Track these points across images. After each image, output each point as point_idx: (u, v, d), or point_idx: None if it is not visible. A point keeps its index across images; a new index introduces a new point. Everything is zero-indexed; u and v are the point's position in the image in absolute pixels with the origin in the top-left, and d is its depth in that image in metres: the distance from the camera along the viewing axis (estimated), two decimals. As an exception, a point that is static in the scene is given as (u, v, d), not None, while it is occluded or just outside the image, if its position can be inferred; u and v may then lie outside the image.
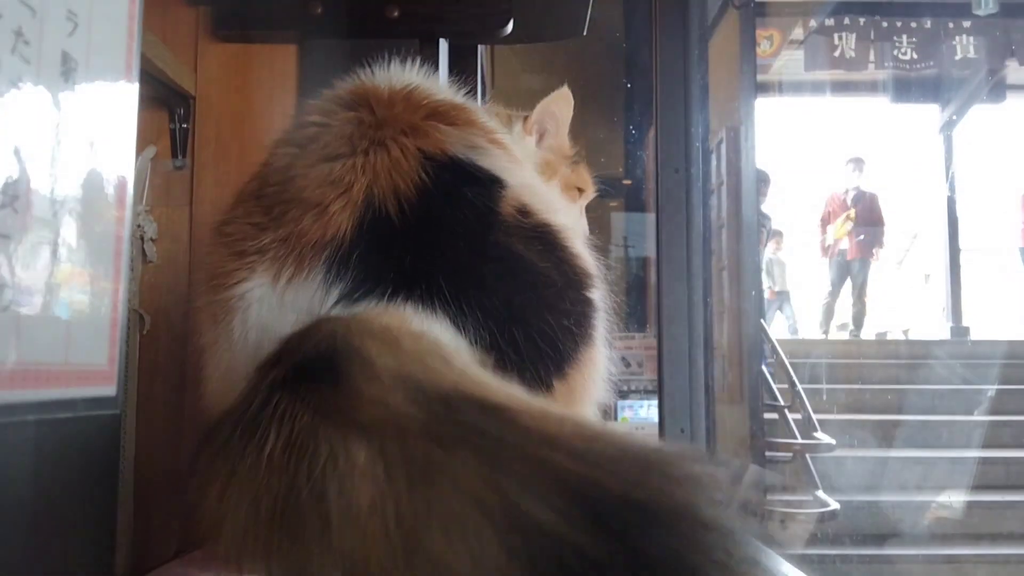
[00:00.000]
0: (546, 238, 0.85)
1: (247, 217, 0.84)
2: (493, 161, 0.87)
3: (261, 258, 0.79)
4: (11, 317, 0.57)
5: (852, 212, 7.15)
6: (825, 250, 7.48)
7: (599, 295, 0.91)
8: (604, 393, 0.92)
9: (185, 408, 1.46)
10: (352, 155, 0.82)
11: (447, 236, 0.79)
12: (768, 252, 7.18)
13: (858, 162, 7.33)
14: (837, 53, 5.91)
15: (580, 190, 1.31)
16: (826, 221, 7.44)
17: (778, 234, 7.29)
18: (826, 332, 7.34)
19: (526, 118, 1.28)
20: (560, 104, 1.28)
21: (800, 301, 7.70)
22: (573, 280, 0.86)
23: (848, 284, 7.30)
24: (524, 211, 0.84)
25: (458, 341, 0.75)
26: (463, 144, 0.86)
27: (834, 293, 7.42)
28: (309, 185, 0.80)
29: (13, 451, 0.59)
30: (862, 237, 7.14)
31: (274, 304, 0.77)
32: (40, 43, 0.61)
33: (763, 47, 5.43)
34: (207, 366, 0.85)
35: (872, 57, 6.06)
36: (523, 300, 0.80)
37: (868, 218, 7.16)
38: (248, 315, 0.78)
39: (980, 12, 5.11)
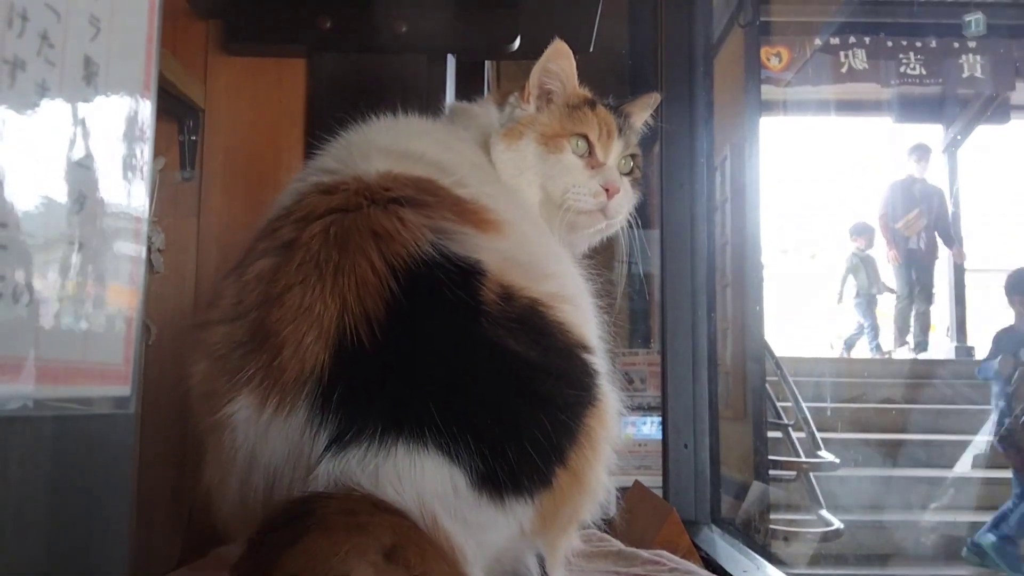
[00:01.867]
0: (534, 321, 0.83)
1: (230, 332, 0.84)
2: (466, 242, 0.85)
3: (248, 384, 0.80)
4: (32, 316, 0.58)
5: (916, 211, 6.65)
6: (891, 250, 6.90)
7: (599, 357, 0.90)
8: (618, 431, 0.91)
9: (189, 420, 1.47)
10: (320, 280, 0.81)
11: (429, 353, 0.78)
12: (853, 250, 6.86)
13: (922, 151, 6.80)
14: (844, 70, 5.90)
15: (581, 135, 1.21)
16: (888, 218, 6.87)
17: (868, 230, 6.88)
18: (903, 345, 6.87)
19: (523, 87, 1.24)
20: (556, 59, 1.23)
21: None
22: (568, 361, 0.84)
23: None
24: (507, 295, 0.82)
25: (452, 472, 0.75)
26: (431, 232, 0.84)
27: (907, 297, 6.87)
28: (285, 316, 0.80)
29: (32, 447, 0.59)
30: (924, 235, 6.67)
31: (260, 431, 0.79)
32: (64, 46, 0.62)
33: (772, 63, 5.42)
34: (206, 476, 0.87)
35: (878, 74, 6.07)
36: (515, 409, 0.79)
37: (936, 216, 6.73)
38: (236, 435, 0.80)
39: (969, 34, 5.13)
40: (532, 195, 1.19)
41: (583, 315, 0.93)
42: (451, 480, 0.76)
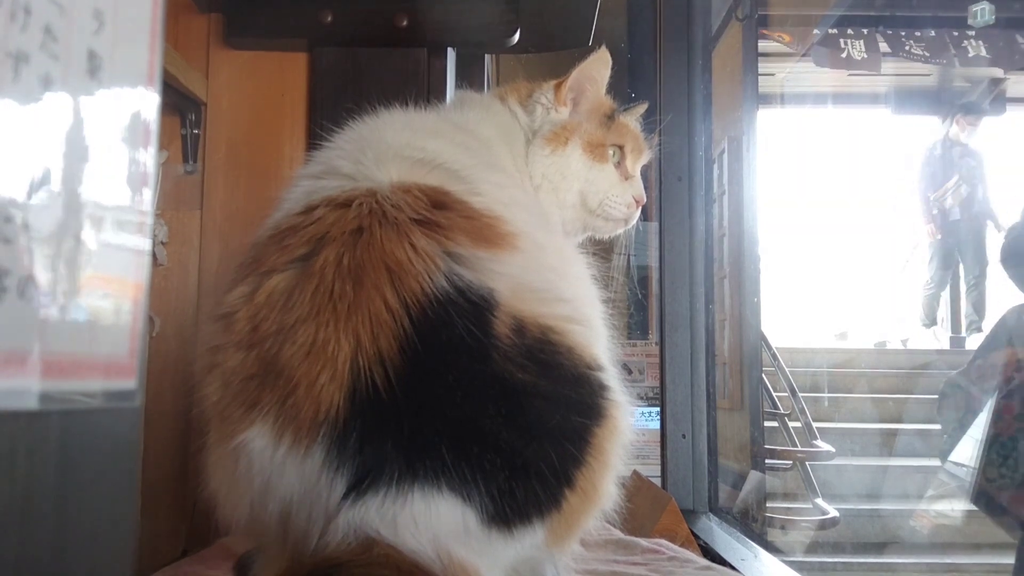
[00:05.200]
0: (544, 352, 0.83)
1: (245, 360, 0.83)
2: (479, 267, 0.84)
3: (263, 419, 0.80)
4: (37, 310, 0.59)
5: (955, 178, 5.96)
6: (929, 224, 6.21)
7: (609, 371, 0.91)
8: (630, 434, 0.92)
9: (192, 410, 1.49)
10: (334, 315, 0.80)
11: (442, 395, 0.78)
12: None
13: (973, 111, 6.11)
14: (844, 55, 5.81)
15: (618, 147, 1.25)
16: (925, 188, 6.21)
17: None
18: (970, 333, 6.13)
19: (559, 85, 1.24)
20: (599, 67, 1.24)
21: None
22: (577, 387, 0.85)
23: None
24: (519, 327, 0.82)
25: (465, 512, 0.77)
26: (444, 259, 0.83)
27: (939, 282, 6.27)
28: (298, 352, 0.79)
29: (38, 440, 0.60)
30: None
31: (276, 465, 0.79)
32: (68, 40, 0.63)
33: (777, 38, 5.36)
34: (212, 482, 0.88)
35: (880, 64, 6.03)
36: (525, 448, 0.79)
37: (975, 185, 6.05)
38: (251, 463, 0.80)
39: (976, 23, 5.11)
40: (569, 199, 1.21)
41: (594, 333, 0.93)
42: (463, 520, 0.77)
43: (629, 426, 0.91)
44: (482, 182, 0.98)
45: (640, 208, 1.27)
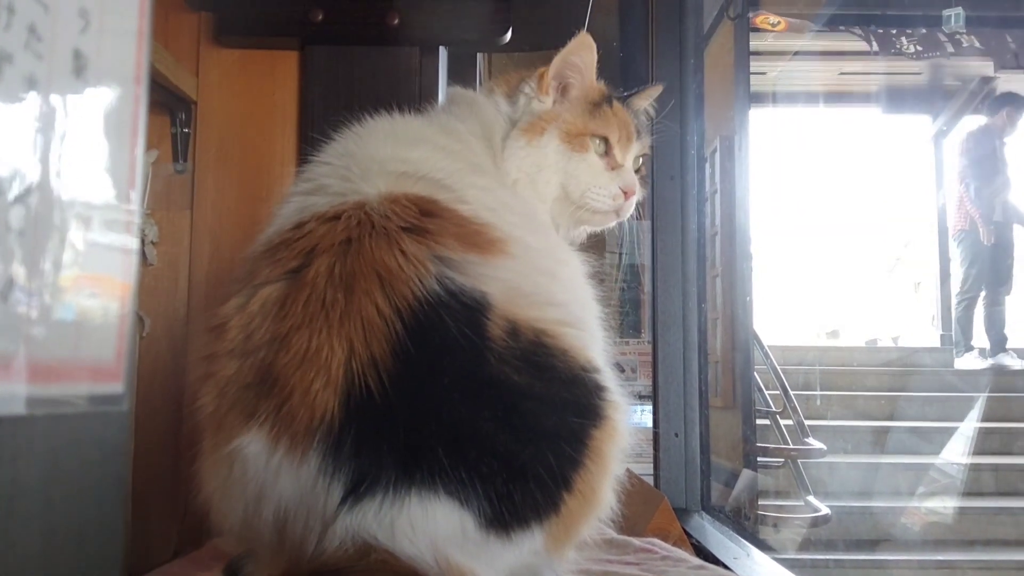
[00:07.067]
0: (539, 355, 0.83)
1: (240, 369, 0.83)
2: (471, 271, 0.84)
3: (259, 427, 0.80)
4: (21, 313, 0.58)
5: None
6: (984, 226, 5.61)
7: (605, 373, 0.90)
8: (629, 436, 0.91)
9: (183, 410, 1.48)
10: (327, 322, 0.80)
11: (437, 397, 0.78)
12: None
13: (1015, 103, 5.62)
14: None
15: (602, 136, 1.19)
16: (971, 180, 5.75)
17: None
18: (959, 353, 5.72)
19: (543, 74, 1.19)
20: (581, 51, 1.19)
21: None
22: (573, 388, 0.85)
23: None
24: (513, 329, 0.82)
25: (462, 515, 0.77)
26: (434, 263, 0.83)
27: (975, 288, 5.78)
28: (292, 360, 0.79)
29: (23, 446, 0.59)
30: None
31: (271, 471, 0.79)
32: (53, 39, 0.62)
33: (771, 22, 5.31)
34: (207, 487, 0.87)
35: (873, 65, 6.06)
36: (521, 449, 0.79)
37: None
38: (246, 469, 0.80)
39: (949, 28, 5.10)
40: (549, 192, 1.16)
41: (589, 336, 0.92)
42: (460, 524, 0.77)
43: (627, 428, 0.91)
44: (468, 188, 0.97)
45: (632, 199, 1.21)
